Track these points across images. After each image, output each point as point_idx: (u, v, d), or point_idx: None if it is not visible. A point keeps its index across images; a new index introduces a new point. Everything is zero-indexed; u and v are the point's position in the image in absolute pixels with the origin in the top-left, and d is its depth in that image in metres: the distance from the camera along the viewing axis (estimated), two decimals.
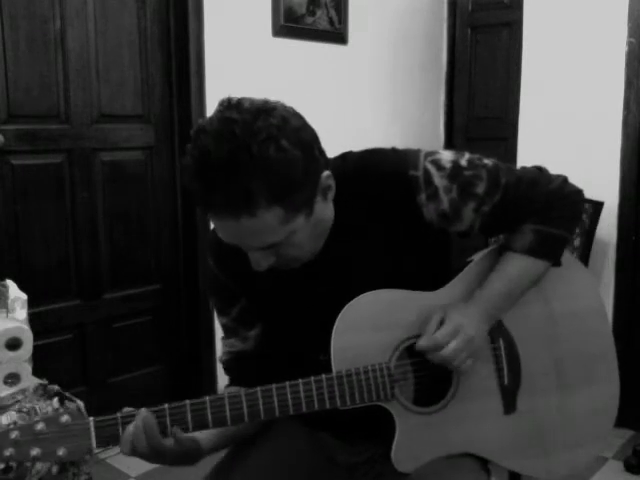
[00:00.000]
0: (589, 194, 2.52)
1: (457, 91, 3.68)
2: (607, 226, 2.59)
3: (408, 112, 3.48)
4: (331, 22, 3.04)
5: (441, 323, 1.11)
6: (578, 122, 2.66)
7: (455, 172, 1.12)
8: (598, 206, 2.52)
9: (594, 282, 1.32)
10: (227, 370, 1.27)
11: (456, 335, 1.09)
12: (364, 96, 3.23)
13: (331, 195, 1.07)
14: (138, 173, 2.67)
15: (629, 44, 2.52)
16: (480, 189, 1.13)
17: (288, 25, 2.88)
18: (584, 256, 2.49)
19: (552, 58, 2.71)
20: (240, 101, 0.98)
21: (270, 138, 0.94)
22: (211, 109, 2.79)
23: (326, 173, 1.04)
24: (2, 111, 2.30)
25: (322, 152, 1.04)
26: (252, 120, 0.95)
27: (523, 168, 1.21)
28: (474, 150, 1.21)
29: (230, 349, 1.25)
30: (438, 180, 1.11)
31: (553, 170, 1.23)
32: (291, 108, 1.02)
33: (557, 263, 1.21)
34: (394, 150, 1.16)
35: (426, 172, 1.11)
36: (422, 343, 1.09)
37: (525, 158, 2.76)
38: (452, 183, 1.12)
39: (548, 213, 1.17)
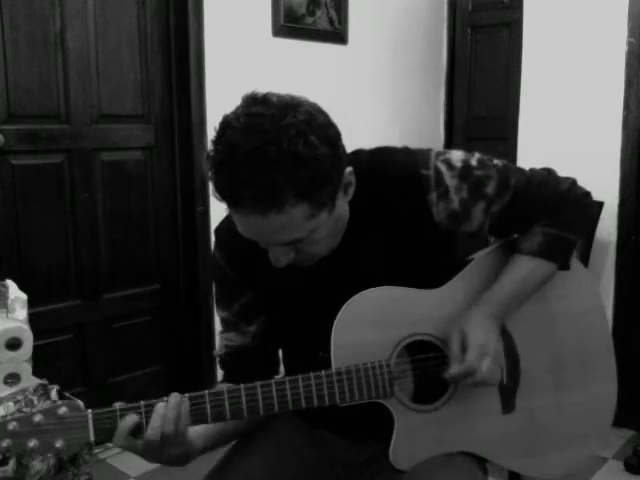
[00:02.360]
0: None
1: (457, 91, 3.68)
2: (607, 226, 2.59)
3: (408, 112, 3.48)
4: (331, 22, 3.04)
5: (463, 343, 1.10)
6: (578, 122, 2.66)
7: (466, 172, 1.12)
8: (598, 206, 2.52)
9: (593, 281, 1.32)
10: (223, 365, 1.27)
11: (485, 356, 1.09)
12: (364, 96, 3.23)
13: (351, 191, 1.07)
14: (138, 173, 2.67)
15: (629, 44, 2.51)
16: (490, 189, 1.13)
17: (288, 25, 2.88)
18: (584, 256, 2.49)
19: (552, 58, 2.71)
20: (266, 96, 0.98)
21: (299, 134, 0.94)
22: (211, 109, 2.77)
23: (349, 169, 1.05)
24: (2, 111, 2.30)
25: (344, 148, 1.04)
26: (281, 115, 0.94)
27: (532, 169, 1.20)
28: (474, 150, 1.21)
29: (228, 343, 1.25)
30: (449, 180, 1.12)
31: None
32: (315, 104, 1.01)
33: (565, 266, 1.21)
34: (405, 149, 1.16)
35: (437, 171, 1.11)
36: (455, 371, 1.09)
37: (525, 158, 2.76)
38: (463, 182, 1.12)
39: (557, 215, 1.17)
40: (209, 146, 0.98)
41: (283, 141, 0.92)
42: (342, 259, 1.12)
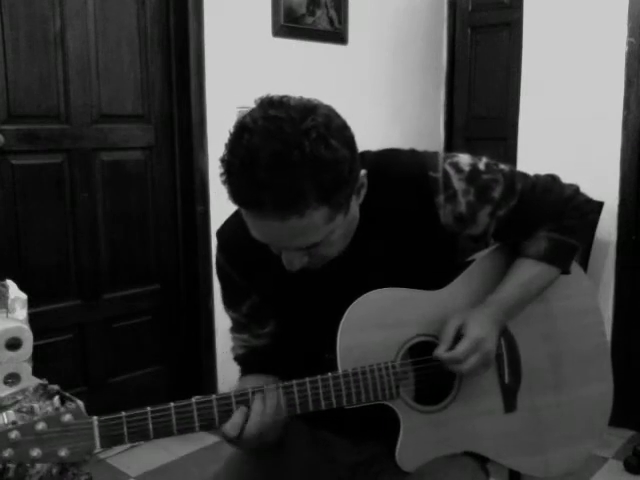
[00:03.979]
0: (589, 194, 2.54)
1: (457, 91, 3.68)
2: (607, 226, 2.59)
3: (408, 112, 3.48)
4: (331, 22, 3.04)
5: (459, 331, 1.11)
6: (578, 122, 2.66)
7: (473, 175, 1.13)
8: (598, 206, 2.52)
9: (590, 283, 1.34)
10: (241, 363, 1.27)
11: (476, 350, 1.09)
12: (364, 96, 3.23)
13: (363, 192, 1.07)
14: (138, 173, 2.67)
15: (629, 44, 2.51)
16: (496, 193, 1.14)
17: (288, 25, 2.88)
18: (584, 256, 2.49)
19: (552, 58, 2.71)
20: (283, 99, 0.97)
21: (320, 137, 0.93)
22: (211, 109, 2.79)
23: (363, 172, 1.04)
24: (2, 111, 2.30)
25: (358, 150, 1.04)
26: (301, 119, 0.93)
27: (537, 175, 1.21)
28: (473, 150, 1.21)
29: (244, 344, 1.25)
30: (457, 182, 1.12)
31: (553, 170, 1.23)
32: (330, 106, 1.00)
33: (566, 271, 1.22)
34: (412, 151, 1.16)
35: (445, 174, 1.12)
36: (441, 355, 1.09)
37: (525, 158, 2.76)
38: (470, 186, 1.12)
39: (561, 221, 1.18)
40: (223, 150, 0.95)
41: (305, 144, 0.91)
42: (349, 260, 1.12)
